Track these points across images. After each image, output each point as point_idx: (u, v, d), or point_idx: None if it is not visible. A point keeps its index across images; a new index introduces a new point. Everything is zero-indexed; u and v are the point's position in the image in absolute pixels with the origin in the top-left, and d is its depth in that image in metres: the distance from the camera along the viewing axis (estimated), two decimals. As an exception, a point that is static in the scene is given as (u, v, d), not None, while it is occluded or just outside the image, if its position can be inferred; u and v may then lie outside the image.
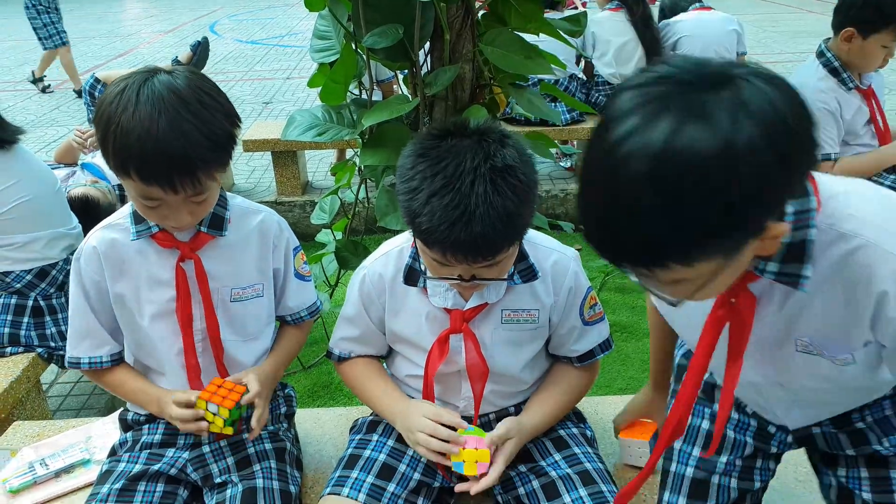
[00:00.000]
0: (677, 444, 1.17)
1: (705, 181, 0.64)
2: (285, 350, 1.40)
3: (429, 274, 1.16)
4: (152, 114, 1.04)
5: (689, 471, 1.14)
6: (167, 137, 1.04)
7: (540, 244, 1.25)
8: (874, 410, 1.03)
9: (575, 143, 4.33)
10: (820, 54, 2.27)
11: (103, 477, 1.27)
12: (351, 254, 2.30)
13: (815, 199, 0.81)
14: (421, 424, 1.17)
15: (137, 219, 1.22)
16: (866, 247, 0.79)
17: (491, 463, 1.16)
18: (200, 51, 5.00)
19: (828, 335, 0.87)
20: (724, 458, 1.14)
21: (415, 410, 1.21)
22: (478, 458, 1.15)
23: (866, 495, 1.03)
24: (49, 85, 7.22)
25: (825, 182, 0.83)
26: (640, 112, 0.66)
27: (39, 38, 6.68)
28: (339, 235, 2.56)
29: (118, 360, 1.33)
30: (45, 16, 6.58)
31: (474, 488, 1.16)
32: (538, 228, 1.39)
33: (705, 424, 1.17)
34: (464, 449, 1.16)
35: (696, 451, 1.15)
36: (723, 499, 1.12)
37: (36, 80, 7.17)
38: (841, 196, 0.82)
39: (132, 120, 1.04)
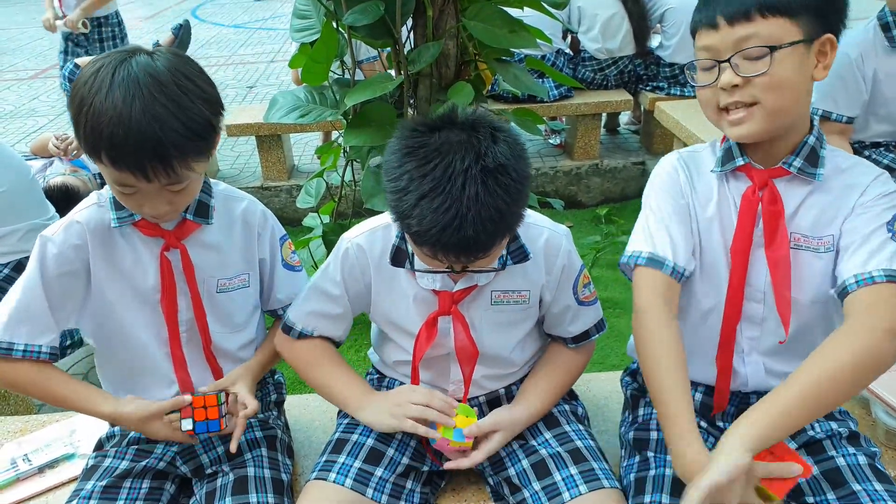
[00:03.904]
0: (650, 454, 1.19)
1: None
2: (274, 346, 1.35)
3: (418, 263, 1.13)
4: (125, 97, 0.99)
5: (668, 472, 1.14)
6: (139, 122, 0.99)
7: (531, 222, 1.21)
8: None
9: (563, 118, 4.29)
10: (881, 9, 2.16)
11: (88, 473, 1.24)
12: (338, 237, 2.26)
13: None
14: (414, 398, 1.18)
15: (118, 205, 1.16)
16: (860, 163, 1.13)
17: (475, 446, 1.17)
18: (182, 34, 4.90)
19: (818, 221, 1.11)
20: None
21: (405, 390, 1.21)
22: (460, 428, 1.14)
23: (815, 470, 1.12)
24: None
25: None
26: None
27: None
28: (326, 219, 2.53)
29: (55, 356, 1.20)
30: None
31: (450, 464, 1.17)
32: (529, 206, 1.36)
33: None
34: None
35: (670, 458, 1.16)
36: None
37: None
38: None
39: (105, 102, 0.99)
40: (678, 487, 1.07)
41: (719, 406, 1.22)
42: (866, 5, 2.33)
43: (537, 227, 1.22)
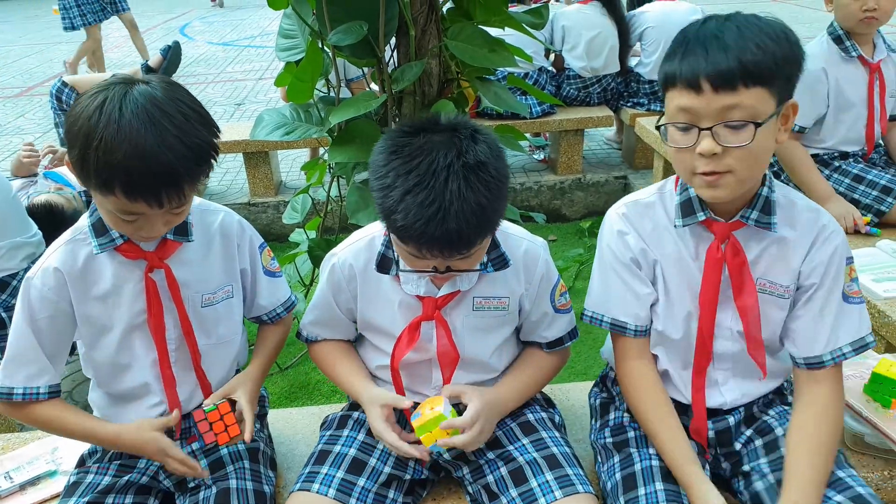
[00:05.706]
0: (632, 450, 1.23)
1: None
2: (268, 350, 1.39)
3: (403, 265, 1.17)
4: (139, 128, 1.00)
5: (655, 462, 1.19)
6: (155, 152, 1.01)
7: (510, 233, 1.27)
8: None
9: (547, 135, 4.35)
10: (830, 25, 2.31)
11: (70, 489, 1.25)
12: (325, 252, 2.27)
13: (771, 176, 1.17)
14: (376, 429, 1.21)
15: (98, 231, 1.17)
16: (819, 209, 1.17)
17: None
18: (171, 55, 4.93)
19: (778, 269, 1.16)
20: None
21: (371, 411, 1.22)
22: (432, 428, 1.15)
23: (765, 468, 1.17)
24: None
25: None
26: None
27: None
28: (312, 234, 2.55)
29: (55, 393, 1.23)
30: None
31: (444, 440, 1.15)
32: (511, 220, 1.40)
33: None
34: (419, 425, 1.16)
35: (653, 450, 1.21)
36: None
37: None
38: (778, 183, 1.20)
39: (118, 135, 1.00)
40: (669, 475, 1.15)
41: (697, 433, 1.24)
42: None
43: (517, 237, 1.27)
